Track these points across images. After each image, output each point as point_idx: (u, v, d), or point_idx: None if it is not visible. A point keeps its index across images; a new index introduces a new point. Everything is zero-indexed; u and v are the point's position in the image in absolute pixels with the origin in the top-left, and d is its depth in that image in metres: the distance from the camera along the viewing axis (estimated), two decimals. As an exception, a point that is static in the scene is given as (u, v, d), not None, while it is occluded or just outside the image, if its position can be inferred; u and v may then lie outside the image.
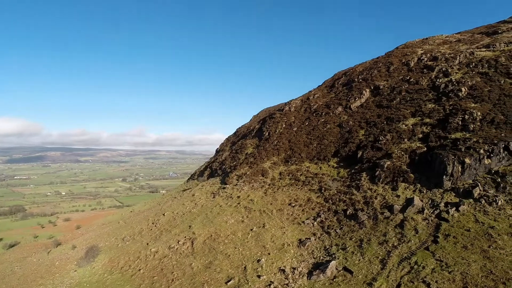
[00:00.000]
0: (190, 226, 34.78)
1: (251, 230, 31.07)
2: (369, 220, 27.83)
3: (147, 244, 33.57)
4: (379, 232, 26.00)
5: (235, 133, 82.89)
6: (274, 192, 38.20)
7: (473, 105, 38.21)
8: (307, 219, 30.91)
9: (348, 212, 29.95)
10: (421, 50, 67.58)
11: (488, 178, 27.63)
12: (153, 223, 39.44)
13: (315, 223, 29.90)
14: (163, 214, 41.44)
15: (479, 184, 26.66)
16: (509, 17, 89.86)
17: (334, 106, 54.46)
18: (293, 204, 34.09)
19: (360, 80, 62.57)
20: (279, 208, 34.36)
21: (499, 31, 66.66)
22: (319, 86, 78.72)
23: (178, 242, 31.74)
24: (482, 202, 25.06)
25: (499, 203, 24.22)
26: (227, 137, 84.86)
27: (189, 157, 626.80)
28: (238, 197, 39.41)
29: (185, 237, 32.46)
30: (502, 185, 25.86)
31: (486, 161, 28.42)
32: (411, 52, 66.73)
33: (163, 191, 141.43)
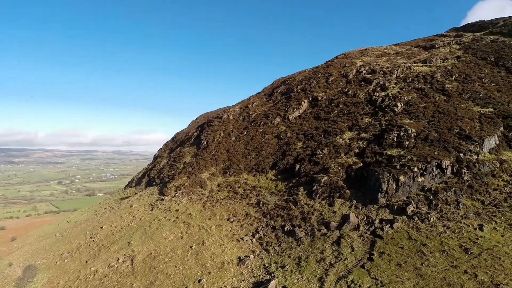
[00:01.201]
0: (129, 242, 44.76)
1: (191, 247, 40.26)
2: (307, 237, 36.39)
3: (86, 262, 42.91)
4: (316, 250, 34.20)
5: (173, 138, 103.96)
6: (212, 205, 49.89)
7: (408, 121, 51.87)
8: (246, 236, 40.35)
9: (286, 228, 39.03)
10: (360, 61, 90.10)
11: (421, 195, 37.64)
12: (91, 237, 50.44)
13: (254, 239, 38.93)
14: (101, 228, 53.00)
15: (412, 201, 36.93)
16: (446, 30, 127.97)
17: (273, 116, 72.20)
18: (232, 219, 44.35)
19: (299, 90, 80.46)
20: (218, 223, 44.55)
21: (436, 46, 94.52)
22: (258, 93, 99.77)
23: (117, 260, 40.57)
24: (415, 219, 34.56)
25: (431, 220, 34.07)
26: (165, 142, 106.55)
27: (126, 157, 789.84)
28: (177, 210, 50.81)
29: (124, 254, 41.76)
30: (434, 202, 36.01)
31: (420, 179, 38.88)
32: (350, 64, 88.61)
33: (100, 194, 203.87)
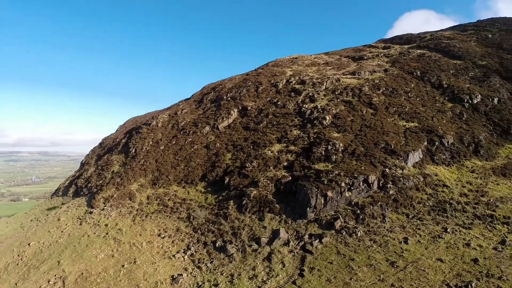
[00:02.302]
0: (59, 261, 54.98)
1: (123, 266, 50.31)
2: (238, 253, 47.33)
3: (16, 284, 51.83)
4: (248, 266, 44.83)
5: (100, 144, 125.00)
6: (142, 220, 62.27)
7: (336, 134, 67.54)
8: (177, 253, 50.99)
9: (217, 244, 50.35)
10: (290, 70, 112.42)
11: (348, 210, 51.23)
12: (18, 255, 60.98)
13: (186, 256, 49.71)
14: (29, 244, 64.18)
15: (340, 216, 50.06)
16: (375, 41, 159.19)
17: (202, 125, 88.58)
18: (163, 235, 55.72)
19: (229, 98, 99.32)
20: (149, 239, 55.58)
21: (365, 57, 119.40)
22: (187, 99, 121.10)
23: (48, 282, 49.83)
24: (343, 233, 47.28)
25: (359, 234, 46.99)
26: (92, 148, 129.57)
27: (52, 158, 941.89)
28: (106, 225, 62.79)
29: (55, 275, 51.23)
30: (361, 216, 50.00)
31: (347, 194, 52.73)
32: (281, 73, 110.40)
33: (26, 199, 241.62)
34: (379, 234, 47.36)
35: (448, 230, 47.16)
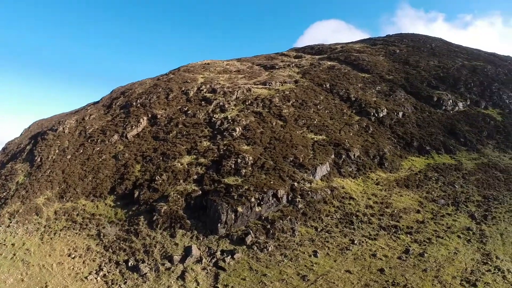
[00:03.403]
0: None
1: None
2: (152, 273, 48.09)
3: None
4: (162, 286, 45.68)
5: (4, 149, 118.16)
6: (51, 238, 60.48)
7: (246, 147, 69.97)
8: (89, 274, 50.23)
9: (130, 263, 50.44)
10: (202, 77, 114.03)
11: (259, 225, 53.64)
12: None
13: (99, 278, 49.16)
14: None
15: (251, 231, 52.34)
16: (288, 49, 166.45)
17: (110, 133, 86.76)
18: (73, 255, 54.78)
19: (139, 105, 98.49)
20: (59, 260, 54.22)
21: (276, 66, 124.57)
22: (96, 103, 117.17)
23: None
24: (255, 248, 49.50)
25: (270, 249, 49.42)
26: None
27: None
28: (13, 245, 60.02)
29: None
30: (271, 231, 52.62)
31: (257, 209, 55.15)
32: (192, 80, 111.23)
33: None
34: (289, 248, 50.09)
35: (355, 241, 51.10)
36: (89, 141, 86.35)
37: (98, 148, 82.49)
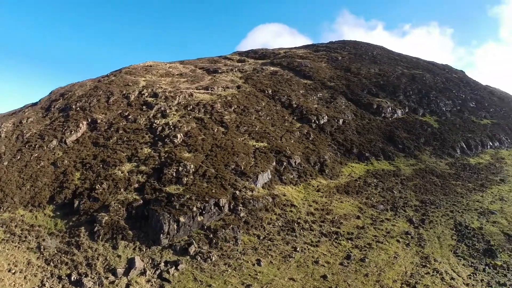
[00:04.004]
0: None
1: None
2: (95, 287, 47.05)
3: None
4: None
5: None
6: None
7: (187, 154, 70.25)
8: None
9: (72, 277, 49.09)
10: (144, 80, 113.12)
11: (202, 235, 54.13)
12: None
13: None
14: None
15: (194, 241, 52.79)
16: (232, 52, 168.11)
17: (49, 138, 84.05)
18: (13, 270, 52.59)
19: (78, 108, 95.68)
20: (0, 277, 51.31)
21: (219, 71, 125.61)
22: (34, 104, 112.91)
23: None
24: (198, 259, 49.98)
25: (213, 259, 49.99)
26: None
27: None
28: None
29: None
30: (214, 241, 53.30)
31: (199, 218, 55.67)
32: (133, 83, 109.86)
33: None
34: (233, 258, 50.91)
35: (298, 249, 52.72)
36: (26, 146, 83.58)
37: (36, 154, 79.93)
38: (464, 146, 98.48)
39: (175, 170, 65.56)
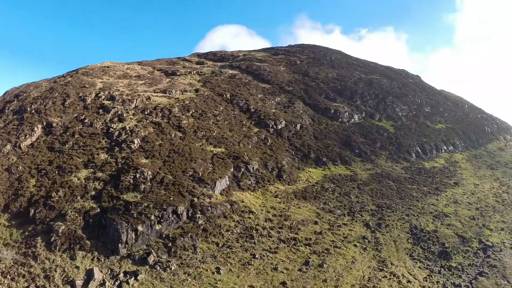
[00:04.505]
0: None
1: None
2: None
3: None
4: None
5: None
6: None
7: (144, 161, 69.98)
8: None
9: None
10: (101, 82, 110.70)
11: (160, 243, 54.15)
12: None
13: None
14: None
15: (153, 250, 52.81)
16: (190, 54, 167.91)
17: (3, 142, 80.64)
18: None
19: (33, 111, 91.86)
20: None
21: (178, 73, 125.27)
22: None
23: None
24: (158, 268, 50.02)
25: (173, 268, 50.21)
26: None
27: None
28: None
29: None
30: (173, 249, 53.52)
31: (157, 227, 55.70)
32: (90, 84, 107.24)
33: None
34: (192, 266, 51.37)
35: (257, 256, 53.83)
36: (-20, 151, 79.77)
37: (-11, 160, 76.48)
38: (419, 150, 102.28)
39: (132, 177, 65.17)
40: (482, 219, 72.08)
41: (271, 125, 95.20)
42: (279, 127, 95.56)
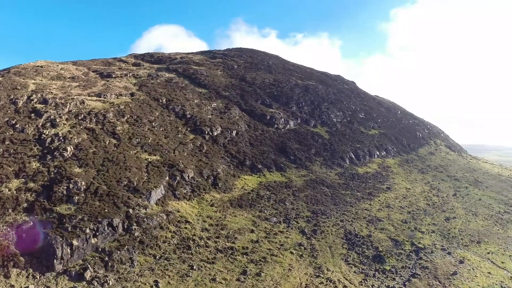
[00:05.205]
0: None
1: None
2: None
3: None
4: None
5: None
6: None
7: (78, 170, 68.50)
8: None
9: None
10: (34, 83, 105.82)
11: (96, 258, 53.33)
12: None
13: None
14: None
15: (89, 265, 52.02)
16: (127, 55, 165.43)
17: None
18: None
19: None
20: None
21: (113, 75, 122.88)
22: None
23: None
24: (95, 284, 49.37)
25: (111, 283, 49.66)
26: None
27: None
28: None
29: None
30: (110, 263, 53.02)
31: (93, 240, 54.79)
32: (22, 86, 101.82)
33: None
34: (130, 280, 51.22)
35: (194, 267, 54.56)
36: None
37: None
38: (353, 156, 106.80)
39: (65, 187, 63.46)
40: (413, 222, 76.92)
41: (207, 132, 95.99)
42: (215, 133, 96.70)
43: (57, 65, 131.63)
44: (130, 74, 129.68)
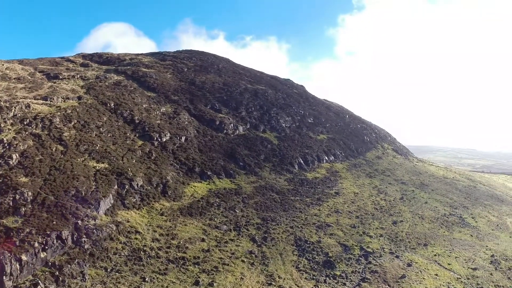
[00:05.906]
0: None
1: None
2: None
3: None
4: None
5: None
6: None
7: (24, 179, 66.70)
8: None
9: None
10: None
11: (47, 272, 52.35)
12: None
13: None
14: None
15: (40, 281, 51.07)
16: (75, 54, 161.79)
17: None
18: None
19: None
20: None
21: (60, 76, 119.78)
22: None
23: None
24: None
25: (57, 301, 49.96)
26: None
27: None
28: None
29: None
30: (61, 278, 52.45)
31: (42, 254, 53.77)
32: None
33: None
34: (81, 295, 50.88)
35: (147, 279, 54.85)
36: None
37: None
38: (302, 161, 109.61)
39: (11, 198, 61.70)
40: (362, 227, 79.96)
41: (155, 138, 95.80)
42: (164, 139, 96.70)
43: (2, 64, 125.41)
44: (78, 75, 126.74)
